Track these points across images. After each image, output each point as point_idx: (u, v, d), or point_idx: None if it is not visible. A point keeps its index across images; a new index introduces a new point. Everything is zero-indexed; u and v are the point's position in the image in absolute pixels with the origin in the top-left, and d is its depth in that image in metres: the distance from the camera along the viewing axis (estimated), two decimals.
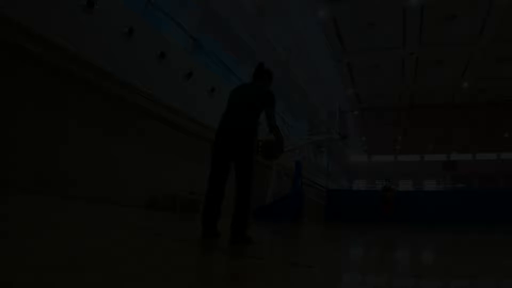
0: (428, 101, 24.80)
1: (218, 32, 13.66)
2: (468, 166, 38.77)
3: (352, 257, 3.58)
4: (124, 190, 8.10)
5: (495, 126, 29.63)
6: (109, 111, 7.76)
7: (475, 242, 6.14)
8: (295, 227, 8.89)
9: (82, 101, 7.07)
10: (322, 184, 26.68)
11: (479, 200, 21.74)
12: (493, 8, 14.78)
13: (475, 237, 7.55)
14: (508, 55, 19.01)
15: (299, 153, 15.69)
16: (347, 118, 20.00)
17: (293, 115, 23.48)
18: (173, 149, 9.77)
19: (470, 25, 16.35)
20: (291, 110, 22.79)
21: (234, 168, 3.70)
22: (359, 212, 23.83)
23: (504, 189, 28.44)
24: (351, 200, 25.08)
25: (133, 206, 8.18)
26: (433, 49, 18.70)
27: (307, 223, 12.99)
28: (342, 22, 16.85)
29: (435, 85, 23.09)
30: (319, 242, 4.92)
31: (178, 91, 9.42)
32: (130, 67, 7.89)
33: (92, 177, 7.27)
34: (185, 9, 11.64)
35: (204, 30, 12.85)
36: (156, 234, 3.47)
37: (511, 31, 16.48)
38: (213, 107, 10.63)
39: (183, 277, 1.67)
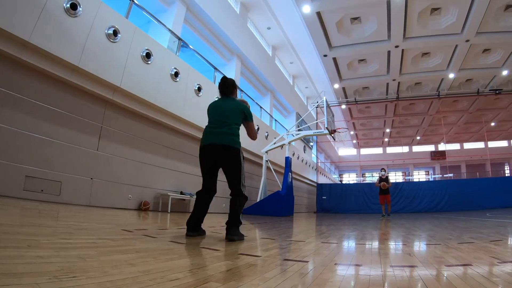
0: (415, 92, 24.97)
1: (203, 30, 13.64)
2: (456, 155, 39.39)
3: (345, 250, 3.60)
4: (113, 192, 8.07)
5: (481, 115, 29.99)
6: (95, 112, 7.73)
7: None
8: (286, 221, 8.91)
9: (70, 102, 7.02)
10: (312, 178, 26.82)
11: (468, 188, 22.08)
12: None
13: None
14: (493, 46, 19.22)
15: (288, 149, 15.69)
16: (334, 113, 20.05)
17: (280, 111, 23.53)
18: (162, 149, 9.74)
19: (454, 16, 16.47)
20: (278, 106, 22.84)
21: (226, 178, 4.17)
22: (349, 204, 24.08)
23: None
24: (341, 193, 25.29)
25: (123, 208, 8.15)
26: (418, 42, 18.81)
27: (299, 216, 13.04)
28: (327, 16, 16.85)
29: (421, 76, 23.26)
30: (311, 237, 4.93)
31: (164, 90, 9.38)
32: (115, 69, 7.85)
33: (81, 179, 7.23)
34: (169, 8, 11.60)
35: (189, 28, 12.84)
36: (148, 235, 3.46)
37: (496, 22, 16.66)
38: (200, 106, 10.62)
39: (179, 277, 1.66)
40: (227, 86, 4.38)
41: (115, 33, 7.78)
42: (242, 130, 4.30)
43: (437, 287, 1.69)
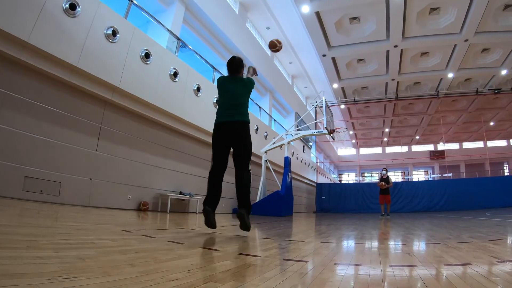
0: (414, 92, 25.00)
1: (201, 30, 13.63)
2: (455, 155, 39.45)
3: (344, 250, 3.60)
4: (112, 192, 8.07)
5: (480, 115, 30.03)
6: (94, 112, 7.72)
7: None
8: (286, 221, 8.91)
9: (69, 103, 7.02)
10: (312, 178, 26.82)
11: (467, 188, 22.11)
12: None
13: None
14: (492, 45, 19.24)
15: (287, 149, 15.70)
16: (334, 113, 20.06)
17: (279, 111, 23.53)
18: (161, 149, 9.73)
19: (453, 16, 16.49)
20: (277, 106, 22.84)
21: (234, 154, 4.43)
22: (349, 204, 24.10)
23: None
24: (340, 193, 25.30)
25: (122, 209, 8.15)
26: (417, 41, 18.82)
27: (298, 216, 13.03)
28: (326, 16, 16.86)
29: (420, 76, 23.28)
30: (310, 236, 4.93)
31: (163, 90, 9.37)
32: (114, 69, 7.84)
33: (80, 180, 7.22)
34: (168, 8, 11.60)
35: (188, 28, 12.83)
36: (148, 236, 3.45)
37: (495, 21, 16.69)
38: (199, 106, 10.62)
39: (179, 277, 1.66)
40: (235, 66, 4.77)
41: (114, 33, 7.78)
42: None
43: (436, 287, 1.70)
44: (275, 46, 5.51)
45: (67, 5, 6.62)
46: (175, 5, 11.53)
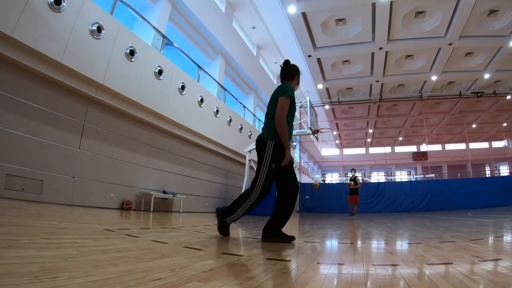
0: (398, 94, 25.24)
1: (187, 28, 13.56)
2: (438, 156, 39.94)
3: (328, 250, 3.61)
4: (95, 190, 7.99)
5: (463, 117, 30.47)
6: (77, 109, 7.65)
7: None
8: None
9: (52, 100, 6.93)
10: None
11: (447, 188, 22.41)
12: (461, 3, 15.12)
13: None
14: (475, 49, 19.52)
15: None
16: (318, 113, 20.13)
17: (264, 110, 23.50)
18: (144, 147, 9.67)
19: (438, 20, 16.68)
20: (262, 105, 22.86)
21: None
22: (332, 204, 24.19)
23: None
24: (323, 193, 25.38)
25: (105, 208, 8.08)
26: (402, 44, 18.98)
27: None
28: (312, 17, 16.90)
29: (405, 78, 23.49)
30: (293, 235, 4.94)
31: (147, 88, 9.31)
32: (99, 65, 7.76)
33: (63, 178, 7.14)
34: (154, 5, 11.51)
35: (173, 26, 12.76)
36: (131, 235, 3.43)
37: (479, 26, 16.93)
38: (183, 104, 10.57)
39: (162, 277, 1.65)
40: (281, 71, 4.24)
41: (99, 29, 7.70)
42: None
43: (419, 286, 1.71)
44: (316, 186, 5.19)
45: (52, 0, 6.54)
46: (161, 2, 11.45)
